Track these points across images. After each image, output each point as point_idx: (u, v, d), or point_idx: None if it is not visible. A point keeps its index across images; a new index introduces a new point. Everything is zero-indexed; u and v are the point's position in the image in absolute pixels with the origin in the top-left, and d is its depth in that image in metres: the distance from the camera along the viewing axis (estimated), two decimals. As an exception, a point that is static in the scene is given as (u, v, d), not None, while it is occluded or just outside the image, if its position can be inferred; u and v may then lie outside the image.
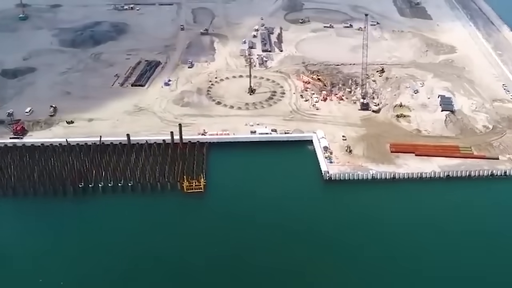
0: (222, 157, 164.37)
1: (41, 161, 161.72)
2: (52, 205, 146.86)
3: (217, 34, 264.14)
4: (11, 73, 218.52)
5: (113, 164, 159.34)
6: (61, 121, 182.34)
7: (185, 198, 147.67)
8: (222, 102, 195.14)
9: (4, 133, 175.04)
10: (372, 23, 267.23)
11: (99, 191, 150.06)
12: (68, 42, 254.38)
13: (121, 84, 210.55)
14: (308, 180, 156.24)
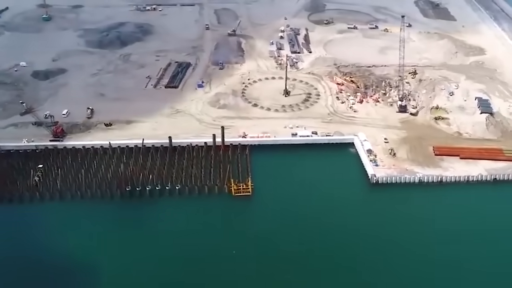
0: (265, 159, 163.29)
1: (84, 164, 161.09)
2: (100, 208, 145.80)
3: (243, 35, 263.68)
4: (43, 74, 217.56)
5: (157, 167, 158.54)
6: (99, 123, 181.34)
7: (233, 201, 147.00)
8: (258, 104, 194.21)
9: (44, 136, 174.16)
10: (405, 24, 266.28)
11: (146, 194, 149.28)
12: (95, 43, 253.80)
13: (154, 86, 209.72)
14: (354, 183, 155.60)
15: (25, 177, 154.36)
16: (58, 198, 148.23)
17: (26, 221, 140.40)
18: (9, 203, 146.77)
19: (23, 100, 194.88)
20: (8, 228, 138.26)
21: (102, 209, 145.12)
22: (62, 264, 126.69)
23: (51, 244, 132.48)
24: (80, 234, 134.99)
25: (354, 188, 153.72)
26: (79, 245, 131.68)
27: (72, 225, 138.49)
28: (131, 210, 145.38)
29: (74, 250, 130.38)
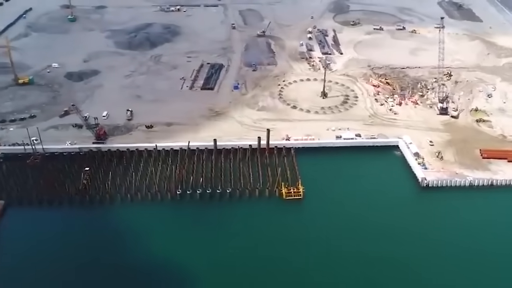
0: (311, 162, 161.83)
1: (131, 166, 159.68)
2: (152, 211, 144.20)
3: (272, 36, 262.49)
4: (77, 76, 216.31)
5: (205, 170, 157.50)
6: (140, 125, 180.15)
7: (284, 205, 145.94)
8: (297, 106, 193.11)
9: (85, 138, 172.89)
10: (438, 26, 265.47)
11: (196, 198, 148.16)
12: (124, 44, 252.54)
13: (190, 88, 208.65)
14: (404, 187, 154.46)
15: (73, 180, 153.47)
16: (108, 201, 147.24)
17: (79, 224, 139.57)
18: (59, 206, 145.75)
19: (59, 102, 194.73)
20: (63, 231, 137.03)
21: (154, 212, 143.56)
22: (128, 266, 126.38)
23: (111, 246, 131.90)
24: (137, 236, 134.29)
25: (404, 192, 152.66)
26: (138, 247, 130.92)
27: (126, 227, 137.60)
28: (183, 213, 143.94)
29: (134, 252, 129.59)
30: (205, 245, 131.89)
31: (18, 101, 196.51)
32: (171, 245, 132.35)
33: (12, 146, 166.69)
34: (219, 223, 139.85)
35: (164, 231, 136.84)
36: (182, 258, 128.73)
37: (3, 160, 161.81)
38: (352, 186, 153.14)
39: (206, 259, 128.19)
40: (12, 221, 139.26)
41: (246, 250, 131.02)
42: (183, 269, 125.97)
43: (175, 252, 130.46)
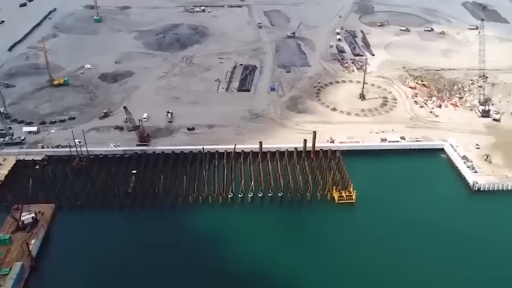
0: (358, 165, 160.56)
1: (177, 169, 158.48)
2: (206, 214, 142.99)
3: (301, 38, 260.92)
4: (111, 77, 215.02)
5: (253, 173, 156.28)
6: (181, 127, 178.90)
7: (337, 209, 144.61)
8: (337, 108, 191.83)
9: (128, 140, 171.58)
10: (471, 27, 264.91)
11: (247, 201, 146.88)
12: (154, 45, 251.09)
13: (226, 89, 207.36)
14: (454, 190, 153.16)
15: (121, 183, 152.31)
16: (158, 204, 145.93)
17: (131, 228, 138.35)
18: (109, 210, 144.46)
19: (96, 103, 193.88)
20: (114, 234, 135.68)
21: (207, 215, 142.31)
22: (182, 269, 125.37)
23: (165, 250, 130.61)
24: (191, 239, 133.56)
25: (455, 195, 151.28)
26: (193, 250, 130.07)
27: (178, 231, 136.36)
28: (237, 217, 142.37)
29: (188, 255, 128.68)
30: (263, 249, 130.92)
31: (55, 102, 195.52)
32: (227, 249, 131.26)
33: (56, 148, 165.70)
34: (274, 227, 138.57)
35: (219, 234, 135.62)
36: (234, 261, 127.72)
37: (47, 163, 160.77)
38: (403, 191, 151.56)
39: (263, 262, 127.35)
40: (63, 225, 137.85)
41: (304, 254, 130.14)
42: (236, 274, 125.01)
43: (231, 255, 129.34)
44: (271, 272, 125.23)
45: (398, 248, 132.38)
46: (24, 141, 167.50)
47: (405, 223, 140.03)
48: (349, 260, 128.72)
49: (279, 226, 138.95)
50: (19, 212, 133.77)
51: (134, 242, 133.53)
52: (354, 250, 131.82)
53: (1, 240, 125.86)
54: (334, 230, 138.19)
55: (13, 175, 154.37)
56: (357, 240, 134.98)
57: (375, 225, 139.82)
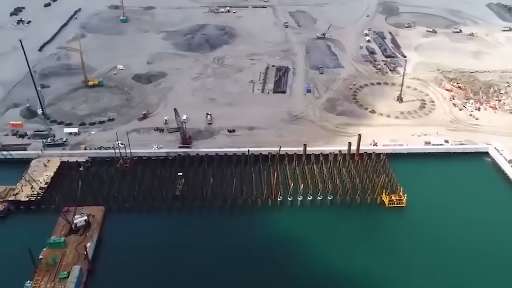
0: (404, 169, 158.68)
1: (222, 171, 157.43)
2: (256, 217, 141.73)
3: (330, 39, 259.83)
4: (145, 78, 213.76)
5: (301, 176, 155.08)
6: (221, 129, 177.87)
7: (387, 213, 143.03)
8: (376, 111, 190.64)
9: (169, 142, 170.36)
10: (505, 28, 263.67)
11: (297, 205, 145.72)
12: (183, 45, 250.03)
13: (262, 91, 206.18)
14: (503, 194, 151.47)
15: (168, 185, 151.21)
16: (207, 207, 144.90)
17: (181, 231, 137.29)
18: (158, 212, 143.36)
19: (132, 104, 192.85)
20: (165, 237, 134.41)
21: (258, 218, 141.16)
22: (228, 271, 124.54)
23: (214, 253, 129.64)
24: (245, 241, 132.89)
25: (504, 199, 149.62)
26: (247, 252, 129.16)
27: (228, 234, 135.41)
28: (287, 219, 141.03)
29: (244, 257, 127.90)
30: (315, 252, 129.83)
31: (92, 103, 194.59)
32: (280, 251, 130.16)
33: (98, 149, 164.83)
34: (325, 230, 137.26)
35: (271, 237, 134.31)
36: (286, 264, 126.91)
37: (91, 165, 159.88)
38: (451, 194, 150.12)
39: (317, 265, 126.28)
40: (114, 227, 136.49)
41: (359, 257, 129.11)
42: (288, 276, 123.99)
43: (284, 258, 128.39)
44: (325, 276, 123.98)
45: (451, 251, 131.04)
46: (67, 143, 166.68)
47: (456, 229, 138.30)
48: (406, 264, 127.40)
49: (331, 230, 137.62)
50: (71, 214, 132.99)
51: (186, 245, 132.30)
52: (410, 253, 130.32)
53: (56, 243, 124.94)
54: (386, 234, 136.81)
55: (58, 176, 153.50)
56: (411, 244, 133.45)
57: (427, 229, 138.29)
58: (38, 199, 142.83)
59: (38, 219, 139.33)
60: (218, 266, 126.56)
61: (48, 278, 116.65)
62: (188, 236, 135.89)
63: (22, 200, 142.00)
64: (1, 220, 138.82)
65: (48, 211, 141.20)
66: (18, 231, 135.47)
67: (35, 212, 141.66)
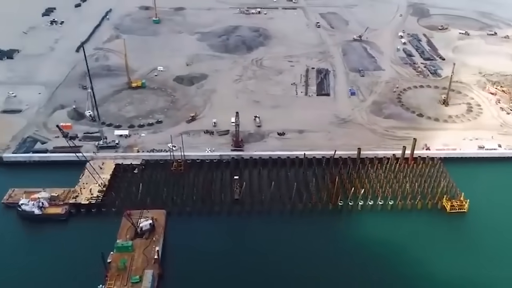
0: (460, 173, 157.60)
1: (277, 174, 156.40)
2: (318, 222, 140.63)
3: (366, 41, 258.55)
4: (187, 80, 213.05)
5: (359, 180, 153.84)
6: (271, 132, 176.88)
7: (448, 218, 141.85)
8: (423, 114, 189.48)
9: (220, 145, 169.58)
10: None
11: (357, 209, 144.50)
12: (220, 47, 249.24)
13: (305, 93, 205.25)
14: None
15: (225, 189, 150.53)
16: (266, 210, 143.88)
17: (242, 234, 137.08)
18: (218, 215, 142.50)
19: (175, 105, 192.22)
20: (228, 241, 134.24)
21: (319, 223, 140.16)
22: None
23: (288, 255, 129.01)
24: (307, 245, 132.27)
25: None
26: (308, 257, 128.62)
27: (294, 237, 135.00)
28: (348, 224, 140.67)
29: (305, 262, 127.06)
30: (379, 257, 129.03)
31: (138, 105, 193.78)
32: (340, 257, 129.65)
33: (151, 152, 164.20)
34: (389, 235, 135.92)
35: (333, 242, 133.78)
36: (348, 269, 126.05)
37: (145, 167, 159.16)
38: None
39: (381, 271, 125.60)
40: (176, 231, 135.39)
41: (411, 263, 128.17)
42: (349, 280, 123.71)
43: (345, 263, 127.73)
44: (390, 283, 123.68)
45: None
46: (119, 145, 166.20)
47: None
48: (473, 270, 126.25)
49: (395, 235, 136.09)
50: (136, 218, 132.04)
51: (249, 249, 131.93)
52: (475, 260, 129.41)
53: (124, 247, 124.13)
54: (450, 240, 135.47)
55: (115, 179, 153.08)
56: (475, 250, 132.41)
57: (491, 235, 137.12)
58: (98, 202, 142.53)
59: (99, 222, 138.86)
60: (280, 270, 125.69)
61: (120, 282, 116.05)
62: (250, 240, 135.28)
63: (83, 203, 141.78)
64: (63, 223, 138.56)
65: (109, 214, 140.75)
66: (81, 234, 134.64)
67: (96, 215, 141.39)
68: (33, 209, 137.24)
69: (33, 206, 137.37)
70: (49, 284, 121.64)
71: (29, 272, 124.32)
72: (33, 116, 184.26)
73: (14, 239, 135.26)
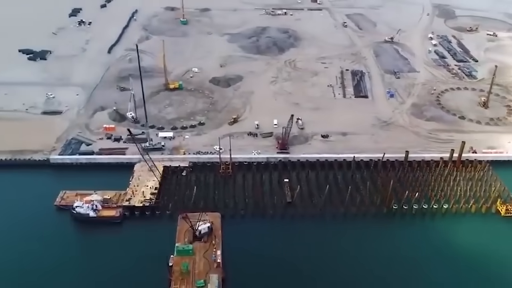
0: (510, 176, 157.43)
1: (327, 178, 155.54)
2: (372, 226, 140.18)
3: (396, 42, 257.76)
4: (223, 81, 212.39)
5: (409, 183, 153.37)
6: (315, 134, 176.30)
7: (505, 222, 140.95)
8: (465, 117, 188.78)
9: (265, 147, 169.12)
10: None
11: (411, 213, 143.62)
12: (251, 48, 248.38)
13: (343, 95, 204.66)
14: None
15: (276, 191, 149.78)
16: (319, 214, 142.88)
17: (301, 238, 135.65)
18: (272, 219, 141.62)
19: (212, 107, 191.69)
20: (286, 245, 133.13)
21: (376, 228, 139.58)
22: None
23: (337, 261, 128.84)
24: (361, 249, 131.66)
25: None
26: (361, 262, 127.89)
27: (348, 241, 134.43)
28: (402, 229, 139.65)
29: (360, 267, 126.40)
30: (444, 264, 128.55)
31: (177, 107, 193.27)
32: (389, 262, 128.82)
33: (198, 154, 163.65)
34: (447, 239, 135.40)
35: (386, 247, 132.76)
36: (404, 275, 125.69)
37: (192, 170, 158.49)
38: None
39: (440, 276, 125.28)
40: (231, 234, 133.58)
41: (462, 268, 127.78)
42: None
43: (400, 268, 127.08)
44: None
45: None
46: (164, 147, 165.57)
47: None
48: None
49: (454, 238, 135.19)
50: (191, 221, 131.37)
51: (305, 253, 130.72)
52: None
53: (185, 250, 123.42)
54: (508, 244, 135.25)
55: (165, 182, 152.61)
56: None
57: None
58: (152, 205, 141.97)
59: (154, 225, 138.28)
60: (337, 276, 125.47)
61: (185, 286, 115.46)
62: (305, 244, 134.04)
63: (137, 205, 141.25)
64: (117, 226, 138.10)
65: (163, 217, 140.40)
66: (136, 237, 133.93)
67: (150, 217, 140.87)
68: (88, 211, 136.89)
69: (87, 208, 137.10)
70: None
71: (87, 274, 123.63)
72: (74, 118, 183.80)
73: (68, 241, 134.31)
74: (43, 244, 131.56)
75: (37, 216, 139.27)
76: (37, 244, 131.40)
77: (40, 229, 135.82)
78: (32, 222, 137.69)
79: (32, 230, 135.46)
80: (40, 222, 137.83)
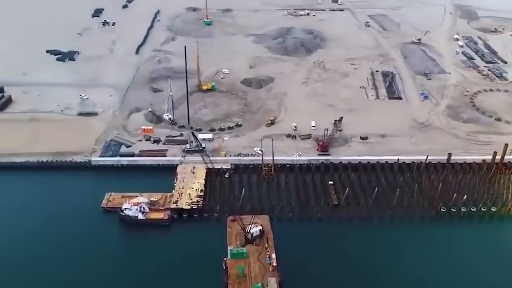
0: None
1: (369, 180, 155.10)
2: (414, 229, 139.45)
3: (423, 43, 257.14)
4: (255, 83, 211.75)
5: (457, 186, 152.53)
6: (353, 136, 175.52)
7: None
8: (501, 119, 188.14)
9: (305, 149, 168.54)
10: None
11: (459, 215, 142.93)
12: (278, 49, 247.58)
13: (376, 97, 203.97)
14: None
15: (321, 194, 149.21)
16: (366, 217, 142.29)
17: (350, 241, 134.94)
18: (319, 221, 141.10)
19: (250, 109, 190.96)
20: (338, 249, 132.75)
21: (424, 229, 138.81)
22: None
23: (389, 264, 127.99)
24: (406, 254, 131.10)
25: None
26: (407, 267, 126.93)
27: (398, 245, 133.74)
28: (451, 232, 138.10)
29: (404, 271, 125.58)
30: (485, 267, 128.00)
31: (212, 108, 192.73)
32: (437, 266, 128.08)
33: (239, 156, 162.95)
34: (499, 243, 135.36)
35: (432, 252, 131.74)
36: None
37: (234, 171, 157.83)
38: None
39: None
40: (281, 236, 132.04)
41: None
42: None
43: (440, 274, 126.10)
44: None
45: None
46: (205, 149, 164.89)
47: None
48: None
49: (506, 241, 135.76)
50: (240, 223, 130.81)
51: (356, 256, 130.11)
52: None
53: (239, 253, 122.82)
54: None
55: (209, 184, 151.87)
56: None
57: None
58: (200, 207, 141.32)
59: (203, 227, 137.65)
60: (391, 279, 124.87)
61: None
62: (354, 247, 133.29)
63: (184, 208, 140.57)
64: (166, 229, 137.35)
65: (211, 219, 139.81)
66: (186, 240, 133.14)
67: (198, 220, 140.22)
68: (137, 214, 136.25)
69: (136, 211, 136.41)
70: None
71: (137, 277, 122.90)
72: (111, 119, 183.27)
73: (117, 244, 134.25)
74: (92, 246, 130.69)
75: (85, 218, 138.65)
76: (86, 246, 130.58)
77: (88, 231, 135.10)
78: (79, 224, 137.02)
79: (80, 232, 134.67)
80: (88, 224, 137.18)
